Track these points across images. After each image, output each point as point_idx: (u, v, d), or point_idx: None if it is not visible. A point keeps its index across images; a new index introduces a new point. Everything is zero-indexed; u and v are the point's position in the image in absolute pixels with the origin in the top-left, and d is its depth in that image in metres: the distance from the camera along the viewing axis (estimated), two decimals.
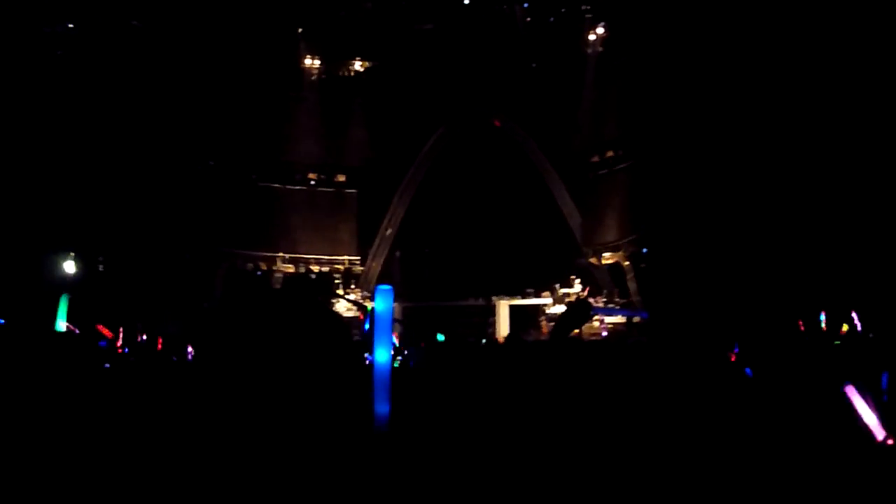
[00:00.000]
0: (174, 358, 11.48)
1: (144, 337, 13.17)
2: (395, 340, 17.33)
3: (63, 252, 22.30)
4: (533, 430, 5.79)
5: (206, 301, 24.44)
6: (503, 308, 28.59)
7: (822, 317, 13.18)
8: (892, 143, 18.73)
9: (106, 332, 11.46)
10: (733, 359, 7.99)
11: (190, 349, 12.29)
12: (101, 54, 24.22)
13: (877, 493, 4.95)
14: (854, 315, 12.15)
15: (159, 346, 12.56)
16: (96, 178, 23.17)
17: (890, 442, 5.35)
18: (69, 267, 22.34)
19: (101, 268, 23.95)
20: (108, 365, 9.52)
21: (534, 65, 29.41)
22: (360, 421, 5.05)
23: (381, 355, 5.18)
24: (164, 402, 5.77)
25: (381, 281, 30.77)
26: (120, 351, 11.79)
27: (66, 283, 21.45)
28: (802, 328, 12.08)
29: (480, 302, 28.83)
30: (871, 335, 11.06)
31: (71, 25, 24.15)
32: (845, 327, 12.35)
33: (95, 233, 23.22)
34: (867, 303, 12.99)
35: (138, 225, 24.30)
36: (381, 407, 5.07)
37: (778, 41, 21.32)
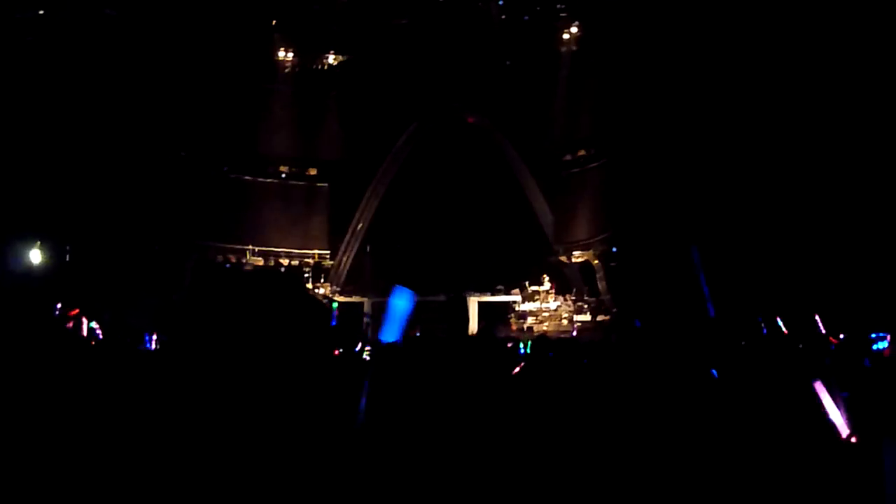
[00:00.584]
0: (135, 346, 11.39)
1: (95, 325, 13.03)
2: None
3: (29, 240, 22.08)
4: (511, 427, 5.82)
5: (174, 292, 24.29)
6: (472, 304, 28.60)
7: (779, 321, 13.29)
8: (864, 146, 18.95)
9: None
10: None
11: (154, 338, 12.23)
12: (72, 42, 24.01)
13: (842, 488, 5.02)
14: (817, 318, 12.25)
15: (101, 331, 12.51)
16: (65, 167, 22.97)
17: (854, 439, 5.42)
18: (35, 256, 22.13)
19: (68, 257, 23.73)
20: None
21: (508, 62, 29.45)
22: (341, 416, 5.06)
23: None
24: (129, 391, 5.72)
25: (350, 276, 30.75)
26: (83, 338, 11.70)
27: (32, 272, 21.31)
28: (766, 328, 12.15)
29: (451, 297, 28.78)
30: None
31: (42, 12, 23.93)
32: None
33: (63, 222, 23.01)
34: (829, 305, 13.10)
35: (107, 214, 24.10)
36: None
37: (750, 41, 21.46)
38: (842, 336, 10.58)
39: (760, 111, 21.40)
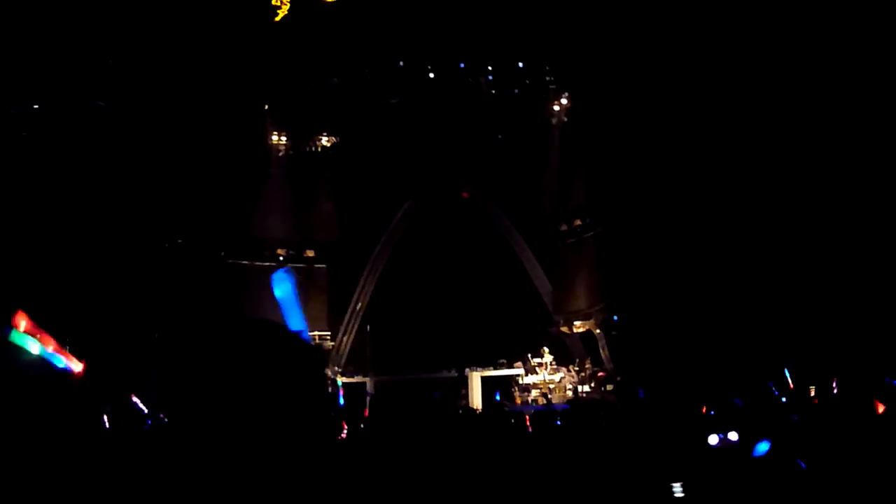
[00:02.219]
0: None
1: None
2: (365, 413, 17.17)
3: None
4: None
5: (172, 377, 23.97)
6: (475, 379, 28.41)
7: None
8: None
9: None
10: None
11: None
12: (67, 135, 24.16)
13: None
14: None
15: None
16: (61, 258, 22.95)
17: None
18: (36, 349, 21.98)
19: (67, 348, 23.55)
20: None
21: (500, 136, 29.65)
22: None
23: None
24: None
25: (352, 356, 30.56)
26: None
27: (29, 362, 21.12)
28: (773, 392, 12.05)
29: (453, 373, 28.62)
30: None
31: (36, 106, 24.12)
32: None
33: (60, 309, 22.91)
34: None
35: (105, 305, 24.00)
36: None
37: (735, 101, 21.69)
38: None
39: (749, 176, 21.58)
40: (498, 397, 25.94)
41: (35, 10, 22.83)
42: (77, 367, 11.02)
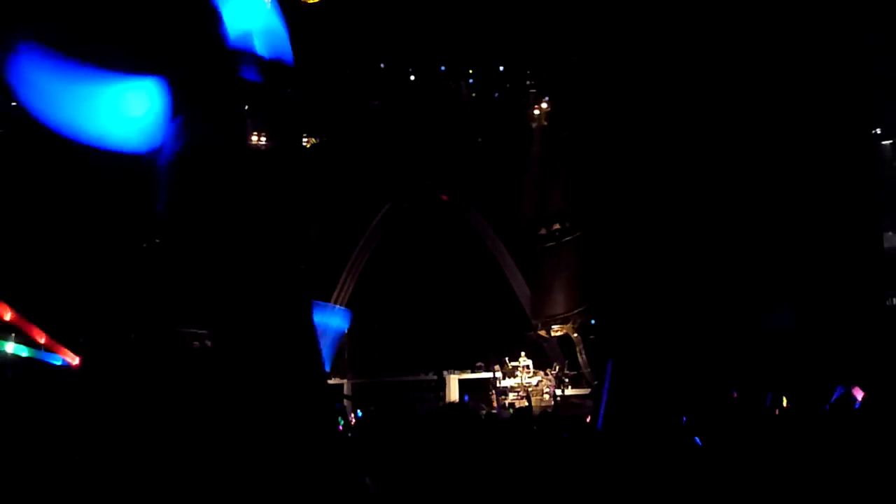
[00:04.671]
0: None
1: None
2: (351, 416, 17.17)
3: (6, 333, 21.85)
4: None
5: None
6: (453, 382, 28.45)
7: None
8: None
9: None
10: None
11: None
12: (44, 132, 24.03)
13: None
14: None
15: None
16: (39, 256, 22.83)
17: None
18: (11, 349, 21.88)
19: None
20: None
21: (480, 139, 29.69)
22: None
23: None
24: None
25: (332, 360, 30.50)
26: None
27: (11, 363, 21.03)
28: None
29: (431, 376, 28.67)
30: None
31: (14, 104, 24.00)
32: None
33: (39, 312, 22.79)
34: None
35: (83, 305, 23.88)
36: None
37: (720, 111, 21.82)
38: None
39: (730, 182, 21.70)
40: (467, 398, 26.08)
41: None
42: (74, 360, 10.91)
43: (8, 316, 10.78)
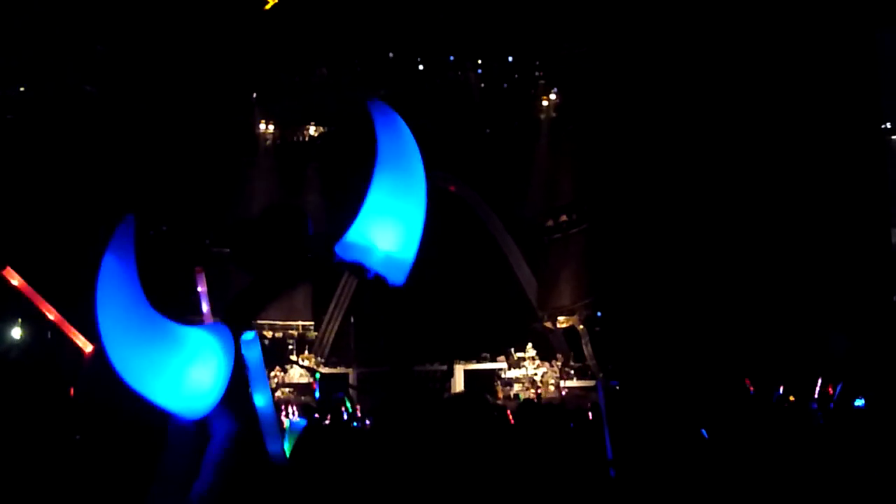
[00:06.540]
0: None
1: None
2: (349, 405, 17.12)
3: (10, 319, 21.87)
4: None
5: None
6: (458, 372, 28.43)
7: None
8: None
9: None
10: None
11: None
12: (53, 118, 24.05)
13: None
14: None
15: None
16: (46, 241, 22.84)
17: None
18: (16, 332, 21.92)
19: (49, 335, 23.44)
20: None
21: (487, 130, 29.62)
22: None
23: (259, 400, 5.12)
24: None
25: (335, 347, 30.48)
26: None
27: (11, 349, 21.05)
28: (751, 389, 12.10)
29: (439, 366, 28.63)
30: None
31: (22, 89, 24.01)
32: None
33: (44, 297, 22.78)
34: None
35: (87, 295, 23.85)
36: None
37: (727, 105, 21.79)
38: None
39: (737, 174, 21.68)
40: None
41: None
42: (87, 347, 10.77)
43: (16, 282, 10.57)
